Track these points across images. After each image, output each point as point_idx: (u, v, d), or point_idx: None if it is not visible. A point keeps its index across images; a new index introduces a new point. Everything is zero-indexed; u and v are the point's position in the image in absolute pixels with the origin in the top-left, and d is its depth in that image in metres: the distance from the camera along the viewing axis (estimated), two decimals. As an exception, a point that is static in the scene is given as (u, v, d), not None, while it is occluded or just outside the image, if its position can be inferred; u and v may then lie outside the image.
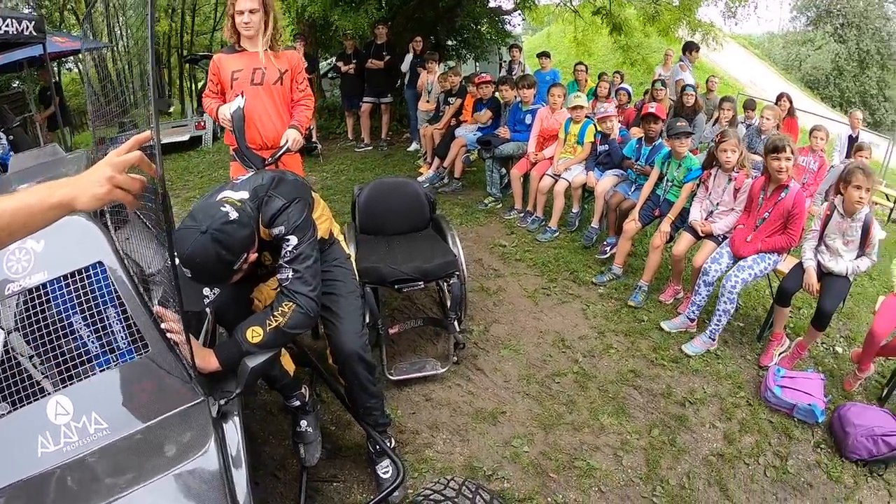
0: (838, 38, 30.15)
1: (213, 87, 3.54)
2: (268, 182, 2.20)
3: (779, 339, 3.95)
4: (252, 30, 3.34)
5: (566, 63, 9.94)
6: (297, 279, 2.11)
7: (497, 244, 5.58)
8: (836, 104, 27.45)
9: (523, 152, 6.17)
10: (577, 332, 4.16)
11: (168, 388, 1.87)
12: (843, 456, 3.17)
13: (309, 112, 3.67)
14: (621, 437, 3.19)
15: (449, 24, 10.39)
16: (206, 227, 1.87)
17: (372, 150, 9.30)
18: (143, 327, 1.94)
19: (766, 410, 3.46)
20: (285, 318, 2.06)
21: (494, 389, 3.52)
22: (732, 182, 4.14)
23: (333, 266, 2.62)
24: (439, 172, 7.25)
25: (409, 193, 3.84)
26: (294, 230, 2.12)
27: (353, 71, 9.04)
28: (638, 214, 4.65)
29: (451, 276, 3.49)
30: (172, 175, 8.59)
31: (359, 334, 2.56)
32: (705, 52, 14.77)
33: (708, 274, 3.94)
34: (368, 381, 2.64)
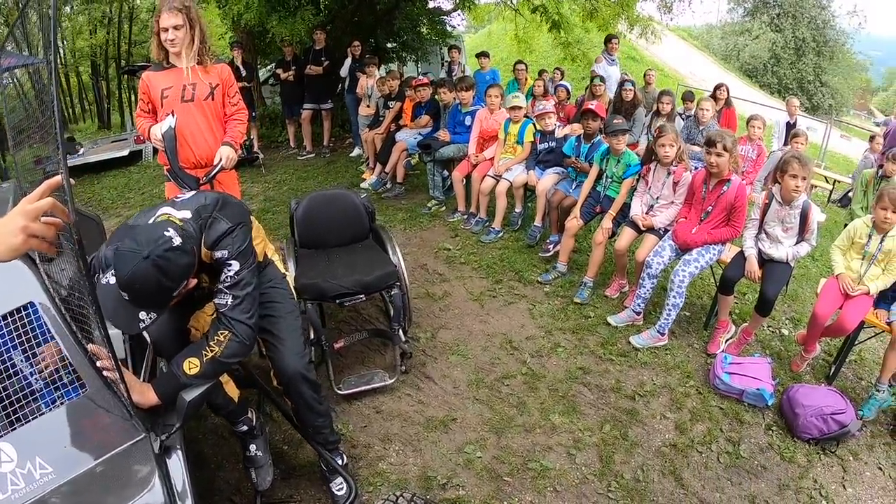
0: (775, 27, 31.35)
1: (144, 107, 3.48)
2: (212, 203, 2.16)
3: (724, 327, 4.06)
4: (178, 46, 3.29)
5: (509, 61, 10.05)
6: (236, 306, 2.10)
7: (442, 248, 5.59)
8: (774, 91, 28.53)
9: (464, 154, 6.19)
10: (525, 332, 4.19)
11: (109, 426, 1.86)
12: (795, 436, 3.28)
13: (243, 127, 3.62)
14: (573, 435, 3.23)
15: (388, 27, 10.37)
16: (149, 252, 1.80)
17: (314, 158, 9.23)
18: (80, 367, 1.92)
19: (715, 397, 3.55)
20: (221, 348, 2.05)
21: (444, 396, 3.52)
22: (671, 176, 4.24)
23: (270, 287, 2.59)
24: (382, 178, 7.23)
25: (346, 205, 3.80)
26: (237, 255, 2.10)
27: (293, 78, 8.97)
28: (579, 212, 4.72)
29: (393, 287, 3.48)
30: (112, 193, 8.39)
31: (300, 354, 2.55)
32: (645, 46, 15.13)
33: (651, 267, 4.02)
34: (314, 401, 2.63)
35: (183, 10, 3.22)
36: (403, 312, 3.61)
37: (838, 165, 12.69)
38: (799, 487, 3.00)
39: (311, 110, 9.11)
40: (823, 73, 31.64)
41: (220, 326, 2.08)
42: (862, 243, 3.63)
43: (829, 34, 32.08)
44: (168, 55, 3.35)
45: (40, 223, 1.25)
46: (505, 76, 9.85)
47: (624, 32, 11.58)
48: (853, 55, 34.66)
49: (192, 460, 2.87)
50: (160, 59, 3.40)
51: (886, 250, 3.53)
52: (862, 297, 3.57)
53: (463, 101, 6.33)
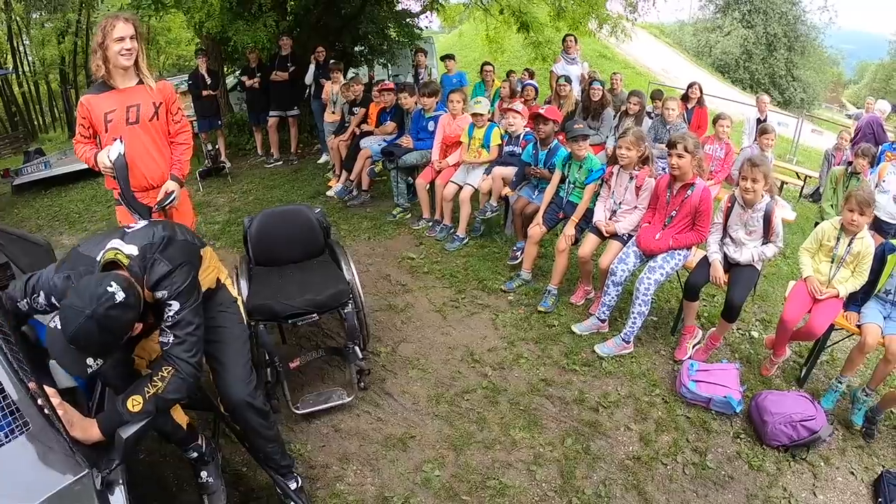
0: (746, 23, 31.79)
1: (84, 132, 3.33)
2: (157, 242, 2.17)
3: (691, 332, 4.04)
4: (133, 58, 3.16)
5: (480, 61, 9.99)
6: (178, 344, 2.12)
7: (406, 257, 5.53)
8: (746, 87, 28.91)
9: (428, 161, 6.15)
10: (487, 343, 4.14)
11: (52, 463, 1.87)
12: (764, 444, 3.27)
13: (188, 152, 3.54)
14: (534, 450, 3.18)
15: (354, 31, 10.26)
16: (92, 311, 1.82)
17: (282, 165, 9.15)
18: (22, 406, 1.92)
19: (682, 406, 3.53)
20: (164, 384, 2.07)
21: (403, 413, 3.46)
22: (634, 180, 4.21)
23: (218, 312, 2.58)
24: (347, 185, 7.16)
25: (300, 221, 3.72)
26: (177, 296, 2.11)
27: (258, 85, 8.87)
28: (542, 218, 4.67)
29: (345, 305, 3.41)
30: (79, 206, 8.25)
31: (245, 381, 2.53)
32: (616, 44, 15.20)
33: (615, 274, 3.99)
34: (262, 427, 2.62)
35: (131, 20, 3.13)
36: (358, 330, 3.55)
37: (810, 160, 12.80)
38: (768, 497, 2.99)
39: (278, 117, 9.02)
40: (795, 68, 32.13)
41: (164, 363, 2.11)
42: (830, 245, 3.63)
43: (800, 29, 32.62)
44: (110, 74, 3.20)
45: None
46: (476, 78, 9.80)
47: (594, 31, 11.62)
48: (824, 49, 35.26)
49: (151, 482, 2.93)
50: (101, 78, 3.24)
51: (855, 252, 3.53)
52: (831, 300, 3.58)
53: (426, 107, 6.27)
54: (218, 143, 8.84)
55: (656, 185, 4.10)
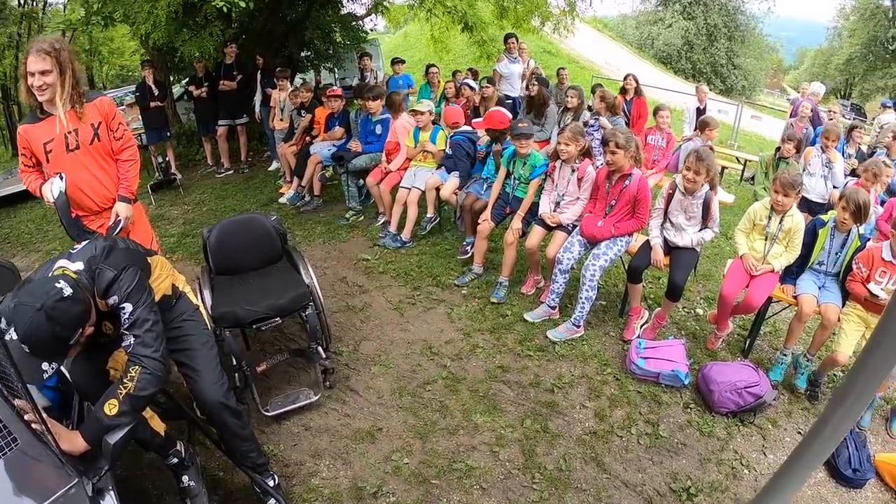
0: (687, 15, 32.64)
1: (28, 161, 3.27)
2: (100, 253, 2.27)
3: (638, 313, 4.28)
4: (47, 94, 3.06)
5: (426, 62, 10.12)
6: (139, 343, 2.19)
7: (361, 259, 5.64)
8: (689, 76, 29.69)
9: (376, 163, 6.27)
10: (444, 336, 4.31)
11: (44, 475, 1.93)
12: (713, 412, 3.49)
13: (135, 167, 3.50)
14: (495, 433, 3.37)
15: (299, 37, 10.28)
16: (41, 304, 1.92)
17: (233, 174, 9.12)
18: (9, 422, 1.98)
19: (633, 382, 3.76)
20: (134, 383, 2.12)
21: (369, 408, 3.61)
22: (576, 172, 4.42)
23: (183, 321, 2.68)
24: (299, 192, 7.22)
25: (257, 228, 3.81)
26: (127, 297, 2.20)
27: (206, 94, 8.82)
28: (490, 214, 4.86)
29: (307, 307, 3.54)
30: (30, 227, 8.02)
31: (218, 383, 2.64)
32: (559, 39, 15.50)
33: (562, 263, 4.21)
34: (238, 427, 2.72)
35: (52, 52, 2.99)
36: (320, 331, 3.68)
37: (751, 144, 13.27)
38: (720, 460, 3.20)
39: (227, 126, 8.97)
40: (736, 57, 33.04)
41: (130, 364, 2.17)
42: (762, 224, 3.87)
43: (739, 19, 33.54)
44: (42, 103, 3.11)
45: None
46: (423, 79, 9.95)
47: (537, 28, 11.89)
48: (764, 38, 36.23)
49: (133, 495, 2.95)
50: (33, 107, 3.16)
51: (787, 229, 3.77)
52: (767, 274, 3.81)
53: (371, 111, 6.40)
54: (168, 154, 8.78)
55: (596, 176, 4.32)
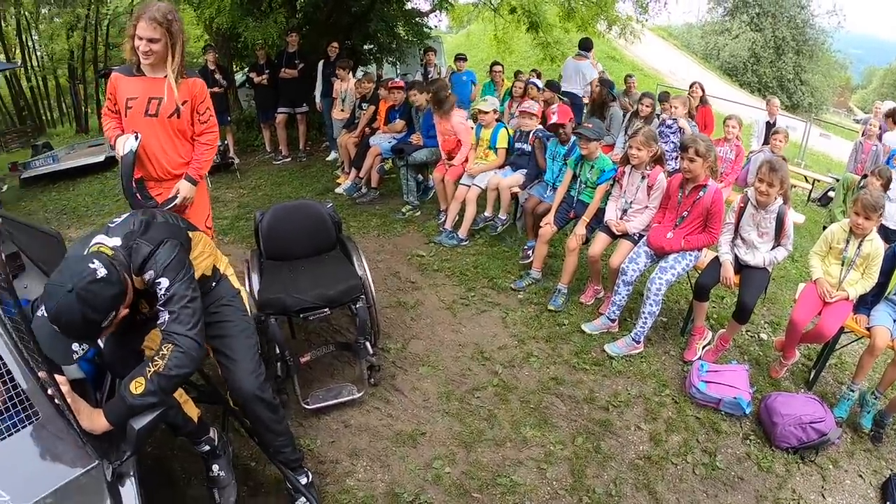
0: (754, 26, 31.66)
1: (112, 106, 3.28)
2: (137, 228, 2.17)
3: (701, 333, 4.02)
4: (152, 59, 3.06)
5: (488, 61, 9.99)
6: (173, 320, 2.06)
7: (415, 255, 5.51)
8: (754, 90, 28.81)
9: (437, 158, 6.16)
10: (497, 341, 4.13)
11: (62, 454, 1.86)
12: (773, 445, 3.25)
13: (210, 153, 3.46)
14: (545, 448, 3.17)
15: (363, 29, 10.26)
16: (73, 285, 1.82)
17: (290, 162, 9.13)
18: (32, 395, 1.91)
19: (692, 407, 3.51)
20: (164, 361, 1.99)
21: (414, 410, 3.45)
22: (646, 180, 4.19)
23: (221, 306, 2.56)
24: (356, 183, 7.14)
25: (311, 216, 3.71)
26: (163, 272, 2.09)
27: (267, 81, 8.83)
28: (553, 217, 4.67)
29: (357, 301, 3.40)
30: (87, 200, 8.24)
31: (254, 374, 2.50)
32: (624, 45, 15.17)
33: (626, 274, 3.98)
34: (272, 421, 2.59)
35: (164, 22, 2.99)
36: (370, 325, 3.54)
37: (818, 164, 12.77)
38: (777, 498, 2.97)
39: (286, 114, 8.99)
40: (803, 72, 31.95)
41: (164, 342, 2.05)
42: (840, 248, 3.60)
43: (808, 33, 32.42)
44: (139, 62, 3.11)
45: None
46: (483, 77, 9.80)
47: (603, 32, 11.61)
48: (832, 54, 35.02)
49: (160, 477, 2.92)
50: (132, 62, 3.16)
51: (864, 255, 3.51)
52: (841, 302, 3.55)
53: (420, 104, 6.29)
54: (227, 138, 8.82)
55: (668, 184, 4.08)
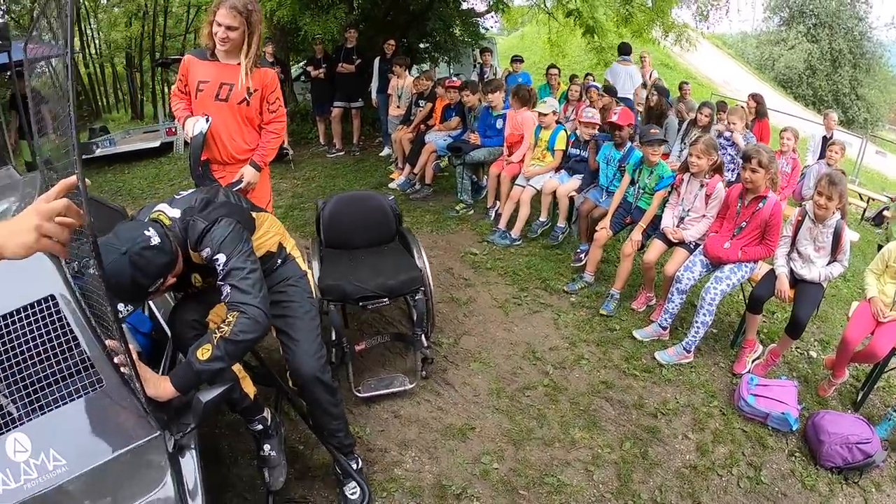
0: (811, 37, 30.69)
1: (182, 87, 3.32)
2: (197, 205, 2.22)
3: (752, 346, 3.95)
4: (228, 45, 3.09)
5: (541, 65, 9.95)
6: (237, 292, 2.08)
7: (468, 252, 5.52)
8: (809, 103, 27.96)
9: (494, 158, 6.15)
10: (549, 342, 4.12)
11: (124, 422, 1.87)
12: (818, 464, 3.18)
13: (276, 141, 3.49)
14: (592, 451, 3.16)
15: (420, 27, 10.31)
16: (127, 248, 1.88)
17: (344, 156, 9.20)
18: (98, 362, 1.92)
19: (739, 419, 3.46)
20: (230, 327, 2.01)
21: (464, 404, 3.47)
22: (704, 188, 4.14)
23: (288, 286, 2.58)
24: (410, 179, 7.18)
25: (373, 207, 3.76)
26: (220, 248, 2.11)
27: (324, 75, 8.93)
28: (609, 222, 4.64)
29: (417, 292, 3.43)
30: (143, 183, 8.45)
31: (316, 356, 2.53)
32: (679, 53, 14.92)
33: (681, 282, 3.93)
34: (329, 404, 2.61)
35: (244, 12, 3.02)
36: (427, 318, 3.57)
37: (873, 182, 12.37)
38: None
39: (342, 108, 9.06)
40: (860, 86, 30.82)
41: (230, 311, 2.08)
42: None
43: (865, 46, 31.28)
44: (214, 47, 3.15)
45: (54, 224, 1.23)
46: (536, 80, 9.76)
47: (658, 39, 11.42)
48: (890, 68, 33.80)
49: (207, 455, 2.82)
50: (207, 46, 3.18)
51: (922, 274, 3.40)
52: (894, 322, 3.44)
53: (493, 104, 6.26)
54: (282, 131, 8.96)
55: (727, 194, 4.02)
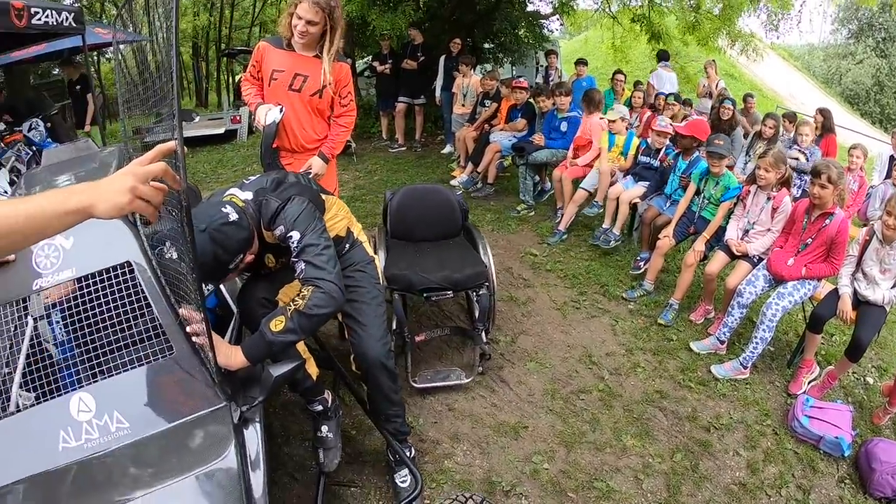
0: (880, 52, 29.45)
1: (254, 73, 3.31)
2: (269, 185, 2.24)
3: (809, 367, 3.82)
4: (306, 39, 3.06)
5: (603, 69, 9.79)
6: (311, 267, 2.07)
7: (528, 253, 5.48)
8: (875, 121, 26.78)
9: (557, 160, 6.09)
10: (605, 348, 4.06)
11: (191, 391, 1.87)
12: (867, 493, 3.06)
13: (345, 135, 3.47)
14: (643, 459, 3.11)
15: (486, 27, 10.27)
16: (206, 226, 1.90)
17: (405, 151, 9.24)
18: (169, 329, 1.94)
19: (791, 440, 3.35)
20: (305, 300, 2.00)
21: (518, 403, 3.45)
22: (771, 201, 4.02)
23: (356, 271, 2.59)
24: (473, 177, 7.16)
25: (441, 200, 3.78)
26: (294, 226, 2.11)
27: (389, 71, 8.99)
28: (672, 231, 4.54)
29: (481, 287, 3.43)
30: (206, 168, 8.66)
31: (382, 342, 2.54)
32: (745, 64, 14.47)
33: (742, 296, 3.82)
34: (391, 390, 2.62)
35: (326, 8, 2.97)
36: (488, 314, 3.56)
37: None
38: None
39: (406, 104, 9.11)
40: (930, 105, 29.49)
41: (304, 286, 2.07)
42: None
43: (938, 63, 29.87)
44: (292, 38, 3.12)
45: (149, 186, 1.23)
46: (600, 85, 9.61)
47: (724, 48, 11.09)
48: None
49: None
50: (286, 38, 3.15)
51: None
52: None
53: (559, 107, 6.21)
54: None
55: (794, 209, 3.89)
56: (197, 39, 19.96)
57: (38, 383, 1.87)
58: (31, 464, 1.72)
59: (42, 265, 2.03)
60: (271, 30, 17.77)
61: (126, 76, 3.38)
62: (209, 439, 1.77)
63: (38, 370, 1.88)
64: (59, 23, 5.30)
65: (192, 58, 21.09)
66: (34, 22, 4.94)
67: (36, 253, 2.05)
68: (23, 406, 1.86)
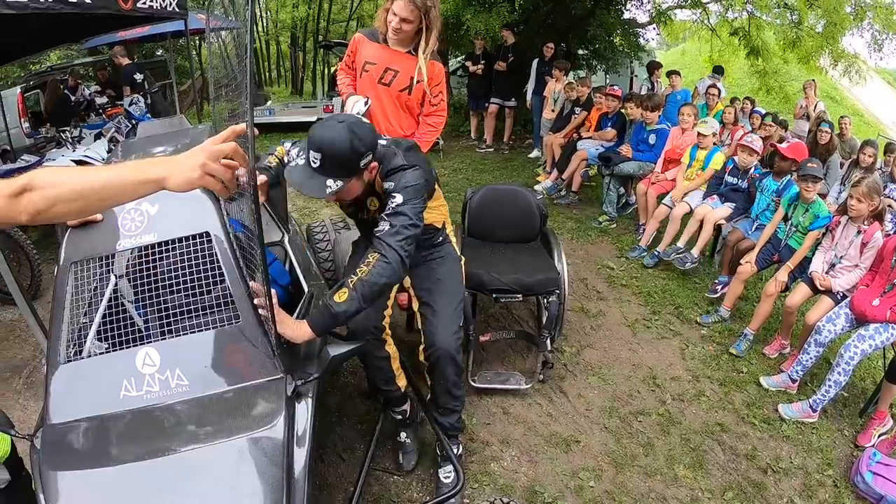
0: None
1: (349, 63, 3.25)
2: (406, 144, 2.29)
3: (882, 419, 3.44)
4: (400, 36, 2.97)
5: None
6: (391, 232, 2.06)
7: (605, 266, 5.28)
8: None
9: (644, 173, 5.83)
10: (671, 371, 3.84)
11: (250, 359, 1.92)
12: None
13: (433, 134, 3.33)
14: (692, 492, 2.90)
15: (581, 33, 9.96)
16: (344, 119, 1.95)
17: (493, 152, 9.12)
18: (238, 299, 1.99)
19: (851, 496, 3.02)
20: (369, 268, 2.01)
21: (574, 416, 3.33)
22: (861, 235, 3.67)
23: (444, 263, 2.59)
24: (557, 183, 6.97)
25: (521, 203, 3.71)
26: (402, 190, 2.11)
27: (481, 71, 8.86)
28: (755, 258, 4.23)
29: (551, 294, 3.34)
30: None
31: (454, 335, 2.49)
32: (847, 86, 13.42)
33: (821, 333, 3.51)
34: (454, 385, 2.58)
35: (422, 8, 2.84)
36: (556, 322, 3.45)
37: None
38: None
39: (497, 106, 8.96)
40: None
41: (372, 250, 2.07)
42: None
43: None
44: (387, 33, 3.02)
45: (219, 164, 1.26)
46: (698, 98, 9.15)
47: (825, 68, 10.28)
48: None
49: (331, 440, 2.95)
50: (381, 32, 3.05)
51: None
52: None
53: (647, 120, 5.94)
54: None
55: (883, 245, 3.54)
56: (295, 30, 20.30)
57: (111, 335, 1.96)
58: (93, 405, 1.81)
59: (126, 228, 2.13)
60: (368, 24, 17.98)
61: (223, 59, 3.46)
62: (261, 407, 1.81)
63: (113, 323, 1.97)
64: (163, 7, 5.48)
65: (289, 47, 21.48)
66: (139, 5, 5.09)
67: (122, 216, 2.14)
68: (94, 353, 1.97)
